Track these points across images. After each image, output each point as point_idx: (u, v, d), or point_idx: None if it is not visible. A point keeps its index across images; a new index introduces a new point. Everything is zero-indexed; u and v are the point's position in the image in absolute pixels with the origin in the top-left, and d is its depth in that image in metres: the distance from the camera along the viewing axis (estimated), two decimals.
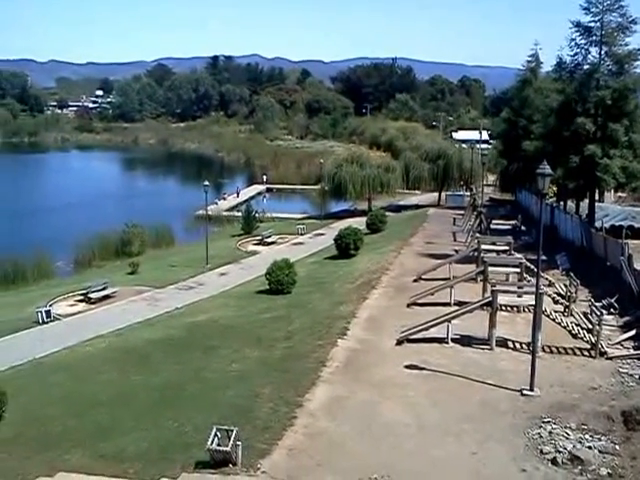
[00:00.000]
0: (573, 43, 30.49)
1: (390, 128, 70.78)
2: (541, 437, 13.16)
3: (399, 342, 18.74)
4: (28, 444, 14.36)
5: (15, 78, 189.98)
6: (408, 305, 22.72)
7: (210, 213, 48.19)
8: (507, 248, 26.06)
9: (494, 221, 37.98)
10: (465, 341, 18.71)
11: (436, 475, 11.97)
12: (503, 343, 18.44)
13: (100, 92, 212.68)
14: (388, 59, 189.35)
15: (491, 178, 63.55)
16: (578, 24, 30.13)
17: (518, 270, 23.11)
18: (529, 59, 47.14)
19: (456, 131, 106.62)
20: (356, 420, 14.10)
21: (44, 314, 26.17)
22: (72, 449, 13.78)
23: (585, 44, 30.44)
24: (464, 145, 70.10)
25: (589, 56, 30.66)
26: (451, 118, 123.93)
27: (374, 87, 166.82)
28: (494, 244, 27.24)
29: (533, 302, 16.76)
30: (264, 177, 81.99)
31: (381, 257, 32.73)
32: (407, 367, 16.92)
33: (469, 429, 13.60)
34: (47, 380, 19.12)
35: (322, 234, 46.79)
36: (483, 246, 25.98)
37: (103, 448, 13.74)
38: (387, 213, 48.34)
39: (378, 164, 56.56)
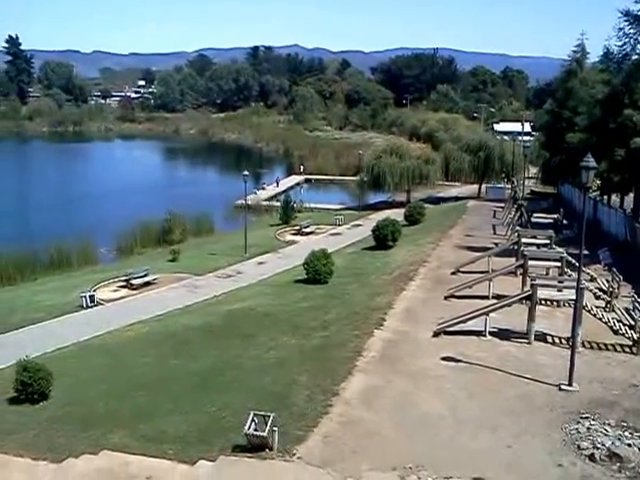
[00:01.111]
0: (621, 33, 29.68)
1: (430, 119, 70.48)
2: (579, 433, 13.02)
3: (436, 334, 18.72)
4: (74, 422, 14.89)
5: (61, 69, 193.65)
6: (445, 297, 22.65)
7: (249, 203, 48.59)
8: (548, 242, 25.70)
9: (535, 214, 37.45)
10: (503, 334, 18.59)
11: (471, 467, 11.95)
12: (542, 337, 18.27)
13: (142, 82, 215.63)
14: (429, 49, 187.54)
15: (533, 171, 62.53)
16: (627, 13, 29.30)
17: (559, 264, 22.80)
18: (575, 49, 46.11)
19: (498, 123, 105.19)
20: (391, 410, 14.17)
21: (88, 299, 26.89)
22: (114, 429, 14.20)
23: (634, 34, 29.55)
24: (506, 137, 69.16)
25: (638, 46, 29.82)
26: (493, 110, 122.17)
27: (415, 78, 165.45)
28: (535, 237, 26.88)
29: (573, 297, 16.54)
30: (301, 167, 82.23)
31: (419, 249, 32.62)
32: (443, 359, 16.90)
33: (505, 422, 13.55)
34: (91, 362, 19.71)
35: (360, 225, 46.79)
36: (523, 239, 25.68)
37: (144, 429, 14.11)
38: (426, 205, 48.10)
39: (418, 155, 56.27)
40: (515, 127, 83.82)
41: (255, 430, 12.24)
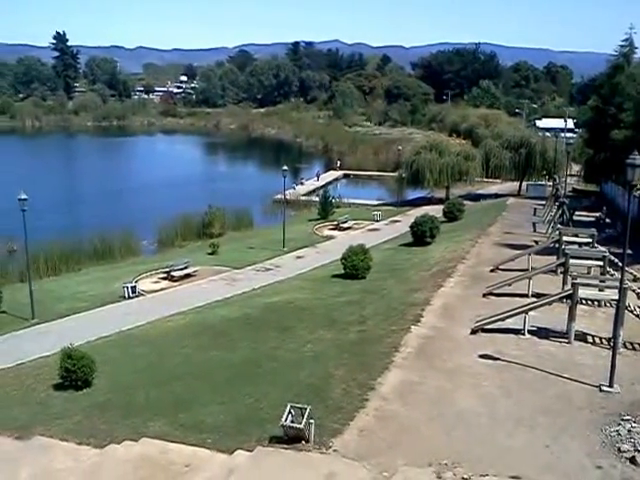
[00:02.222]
0: None
1: (471, 115, 69.59)
2: (619, 435, 12.80)
3: (474, 331, 18.61)
4: (115, 410, 15.28)
5: (105, 64, 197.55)
6: (484, 295, 22.46)
7: (288, 198, 48.88)
8: (590, 240, 25.26)
9: (577, 212, 36.83)
10: (542, 333, 18.36)
11: (507, 465, 11.87)
12: (582, 337, 17.99)
13: (184, 78, 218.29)
14: (471, 44, 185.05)
15: (575, 168, 61.32)
16: None
17: (601, 263, 22.38)
18: (622, 44, 44.92)
19: (540, 119, 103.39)
20: (428, 406, 14.16)
21: (130, 289, 27.49)
22: (154, 417, 14.52)
23: None
24: (548, 134, 67.90)
25: None
26: (535, 106, 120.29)
27: (455, 73, 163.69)
28: (576, 236, 26.45)
29: (615, 296, 16.26)
30: (338, 163, 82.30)
31: (457, 246, 32.40)
32: (481, 356, 16.79)
33: (543, 422, 13.41)
34: (132, 351, 20.17)
35: (398, 221, 46.67)
36: (565, 238, 25.30)
37: (182, 418, 14.40)
38: (465, 202, 47.72)
39: (457, 152, 55.71)
40: (558, 124, 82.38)
41: (292, 422, 12.39)
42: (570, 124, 68.26)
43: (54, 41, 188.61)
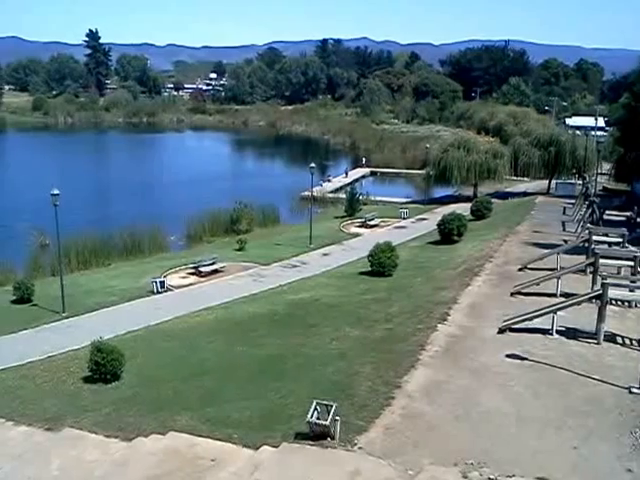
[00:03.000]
0: None
1: (500, 112, 68.73)
2: None
3: (501, 330, 18.46)
4: (143, 403, 15.51)
5: (136, 61, 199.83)
6: (512, 294, 22.25)
7: (315, 195, 48.94)
8: (620, 240, 24.88)
9: (607, 212, 36.26)
10: (571, 334, 18.14)
11: (534, 466, 11.77)
12: (611, 338, 17.73)
13: (214, 75, 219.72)
14: (500, 41, 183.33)
15: (606, 167, 60.33)
16: None
17: (632, 263, 22.02)
18: None
19: (570, 117, 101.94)
20: (454, 405, 14.10)
21: (158, 284, 27.79)
22: (181, 411, 14.69)
23: None
24: (578, 132, 66.96)
25: None
26: (565, 103, 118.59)
27: (484, 70, 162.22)
28: (606, 235, 26.07)
29: None
30: (363, 160, 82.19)
31: (485, 244, 32.14)
32: (508, 356, 16.65)
33: (571, 423, 13.26)
34: (159, 346, 20.41)
35: (425, 219, 46.44)
36: (595, 237, 24.94)
37: (209, 413, 14.54)
38: (493, 200, 47.28)
39: (486, 149, 55.20)
40: (588, 122, 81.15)
41: (318, 418, 12.42)
42: (601, 122, 67.16)
43: (87, 39, 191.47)
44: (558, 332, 18.11)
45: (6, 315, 25.44)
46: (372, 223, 45.48)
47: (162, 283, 28.12)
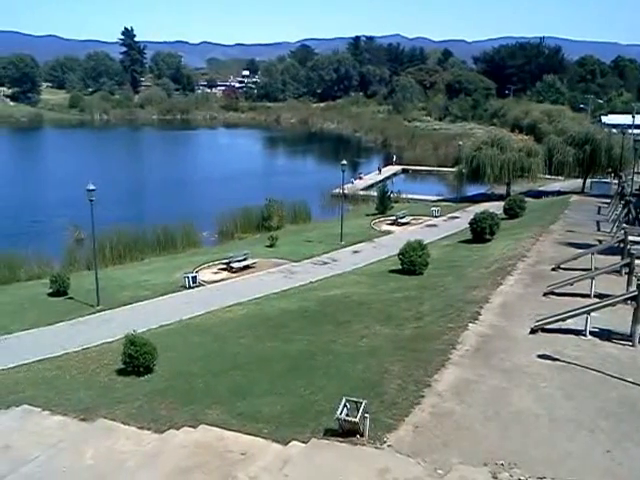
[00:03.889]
0: None
1: (534, 110, 68.19)
2: None
3: (533, 331, 18.25)
4: (175, 396, 15.68)
5: (170, 59, 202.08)
6: (545, 294, 21.97)
7: (346, 192, 48.93)
8: None
9: None
10: (604, 335, 17.85)
11: (566, 469, 11.62)
12: None
13: (246, 72, 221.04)
14: (535, 38, 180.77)
15: None
16: None
17: None
18: None
19: (606, 115, 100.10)
20: (484, 405, 13.99)
21: (191, 279, 28.13)
22: (212, 405, 14.84)
23: None
24: (614, 130, 65.74)
25: None
26: (601, 101, 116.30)
27: (518, 68, 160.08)
28: None
29: None
30: (394, 157, 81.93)
31: (518, 243, 31.79)
32: (540, 357, 16.45)
33: (604, 426, 13.06)
34: (191, 340, 20.67)
35: (457, 217, 46.14)
36: (630, 237, 24.47)
37: (240, 407, 14.65)
38: (526, 199, 46.73)
39: (519, 148, 54.63)
40: (625, 119, 79.47)
41: (347, 415, 12.44)
42: (638, 120, 65.72)
43: (122, 37, 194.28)
44: (592, 333, 17.84)
45: (43, 307, 26.07)
46: (403, 221, 45.34)
47: (194, 278, 28.45)
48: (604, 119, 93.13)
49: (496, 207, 42.83)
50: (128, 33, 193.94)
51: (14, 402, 15.76)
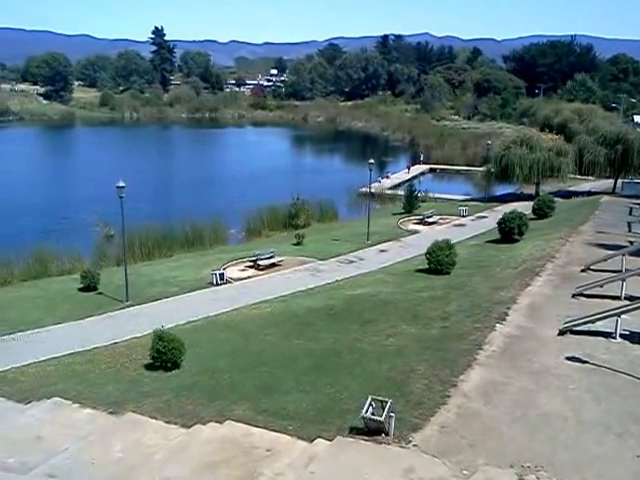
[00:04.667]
0: None
1: (564, 109, 67.12)
2: None
3: (562, 332, 18.04)
4: (202, 392, 15.84)
5: (199, 58, 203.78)
6: (574, 295, 21.69)
7: (373, 191, 48.87)
8: None
9: None
10: (635, 338, 17.55)
11: (594, 473, 11.47)
12: None
13: (274, 71, 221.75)
14: (566, 36, 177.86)
15: None
16: None
17: None
18: None
19: (638, 114, 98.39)
20: (511, 406, 13.88)
21: (218, 276, 28.38)
22: (238, 401, 14.96)
23: None
24: None
25: None
26: (634, 100, 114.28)
27: (549, 66, 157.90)
28: None
29: None
30: (421, 156, 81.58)
31: (547, 244, 31.43)
32: (568, 359, 16.25)
33: (635, 431, 12.85)
34: (218, 336, 20.85)
35: (485, 217, 45.79)
36: None
37: (265, 404, 14.75)
38: (556, 199, 46.17)
39: (549, 147, 53.97)
40: None
41: (372, 414, 12.44)
42: None
43: (152, 36, 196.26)
44: (622, 336, 17.57)
45: (73, 302, 26.54)
46: (430, 220, 45.14)
47: (221, 275, 28.68)
48: (637, 118, 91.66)
49: (525, 207, 42.38)
50: (158, 32, 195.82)
51: (45, 394, 16.09)
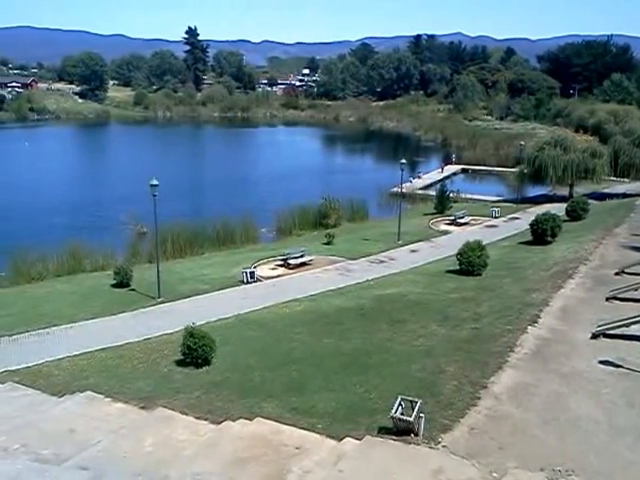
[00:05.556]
0: None
1: (599, 110, 66.19)
2: None
3: (595, 336, 17.77)
4: (232, 389, 15.97)
5: (232, 57, 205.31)
6: (607, 299, 21.32)
7: (404, 191, 48.69)
8: None
9: None
10: None
11: (626, 478, 11.31)
12: None
13: (306, 71, 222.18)
14: (602, 36, 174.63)
15: None
16: None
17: None
18: None
19: None
20: (542, 409, 13.72)
21: (248, 275, 28.56)
22: (268, 399, 15.04)
23: None
24: None
25: None
26: None
27: (584, 66, 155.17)
28: None
29: None
30: (453, 157, 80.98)
31: (580, 246, 30.96)
32: (601, 363, 16.00)
33: None
34: (248, 334, 20.98)
35: (517, 218, 45.29)
36: None
37: (295, 402, 14.80)
38: (590, 201, 45.44)
39: (583, 148, 53.13)
40: None
41: (402, 414, 12.41)
42: None
43: (186, 36, 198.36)
44: None
45: (106, 298, 26.96)
46: (462, 221, 44.80)
47: (252, 274, 28.86)
48: None
49: (558, 209, 41.77)
50: (192, 32, 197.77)
51: (78, 388, 16.39)
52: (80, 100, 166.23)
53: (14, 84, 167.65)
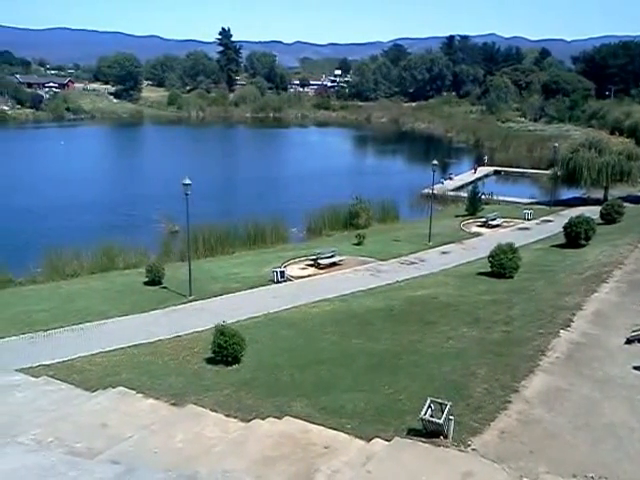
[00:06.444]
0: None
1: (636, 112, 64.99)
2: None
3: (629, 341, 17.44)
4: (261, 387, 16.05)
5: (265, 58, 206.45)
6: None
7: (435, 192, 48.39)
8: None
9: None
10: None
11: None
12: None
13: (338, 72, 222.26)
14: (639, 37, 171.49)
15: None
16: None
17: None
18: None
19: None
20: (574, 414, 13.52)
21: (279, 274, 28.67)
22: (297, 398, 15.07)
23: None
24: None
25: None
26: None
27: (620, 68, 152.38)
28: None
29: None
30: (484, 158, 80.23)
31: (614, 250, 30.42)
32: (636, 368, 15.70)
33: None
34: (278, 333, 21.06)
35: (550, 221, 44.70)
36: None
37: (324, 401, 14.82)
38: (625, 204, 44.65)
39: (619, 151, 52.26)
40: None
41: (431, 416, 12.34)
42: None
43: (219, 37, 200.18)
44: None
45: (139, 295, 27.32)
46: (494, 223, 44.36)
47: (282, 273, 28.97)
48: None
49: (592, 212, 41.15)
50: (225, 33, 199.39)
51: (111, 384, 16.62)
52: (115, 100, 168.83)
53: (51, 84, 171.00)
